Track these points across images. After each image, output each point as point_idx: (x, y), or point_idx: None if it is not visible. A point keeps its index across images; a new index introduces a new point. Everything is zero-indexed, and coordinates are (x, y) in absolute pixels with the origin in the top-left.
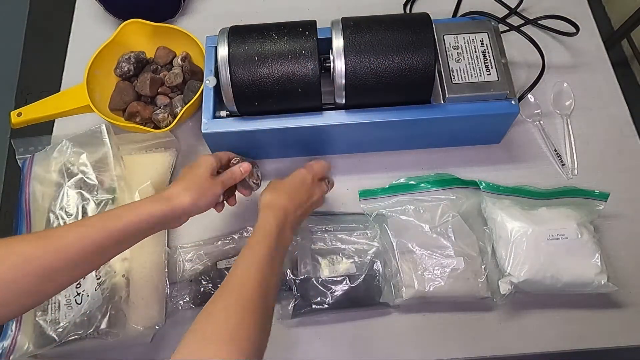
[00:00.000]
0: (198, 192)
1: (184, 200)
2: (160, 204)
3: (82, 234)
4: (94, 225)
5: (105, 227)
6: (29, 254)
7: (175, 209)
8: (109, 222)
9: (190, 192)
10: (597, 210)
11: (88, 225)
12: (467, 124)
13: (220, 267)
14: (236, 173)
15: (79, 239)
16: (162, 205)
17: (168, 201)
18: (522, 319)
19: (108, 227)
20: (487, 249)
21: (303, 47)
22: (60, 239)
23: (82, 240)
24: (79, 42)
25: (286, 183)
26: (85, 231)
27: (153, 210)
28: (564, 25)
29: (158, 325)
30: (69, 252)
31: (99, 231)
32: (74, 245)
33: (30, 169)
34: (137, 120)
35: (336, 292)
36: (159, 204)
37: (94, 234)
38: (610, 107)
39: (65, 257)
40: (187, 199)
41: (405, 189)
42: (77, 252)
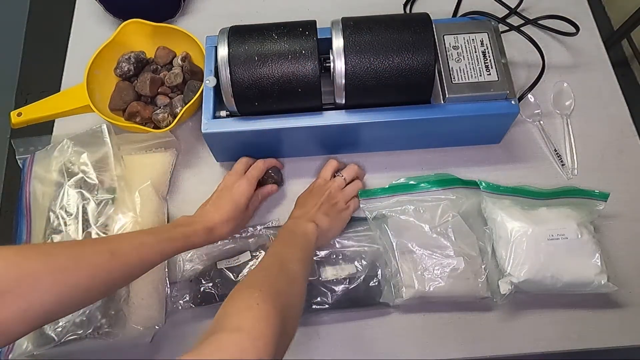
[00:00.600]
0: (235, 223)
1: (223, 232)
2: (204, 236)
3: (143, 255)
4: (153, 248)
5: (162, 251)
6: (100, 266)
7: (216, 239)
8: (165, 247)
9: (230, 224)
10: (597, 210)
11: (147, 246)
12: (467, 124)
13: (220, 267)
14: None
15: (140, 259)
16: (208, 237)
17: (211, 233)
18: (522, 319)
19: (164, 251)
20: (487, 249)
21: (303, 47)
22: (125, 256)
23: (142, 260)
24: (79, 42)
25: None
26: (146, 253)
27: (200, 241)
28: (564, 25)
29: (158, 325)
30: (131, 271)
31: (156, 253)
32: (135, 265)
33: (30, 168)
34: (137, 120)
35: (336, 292)
36: (204, 235)
37: (152, 255)
38: (610, 107)
39: (127, 273)
40: (226, 230)
41: (405, 189)
42: (137, 269)
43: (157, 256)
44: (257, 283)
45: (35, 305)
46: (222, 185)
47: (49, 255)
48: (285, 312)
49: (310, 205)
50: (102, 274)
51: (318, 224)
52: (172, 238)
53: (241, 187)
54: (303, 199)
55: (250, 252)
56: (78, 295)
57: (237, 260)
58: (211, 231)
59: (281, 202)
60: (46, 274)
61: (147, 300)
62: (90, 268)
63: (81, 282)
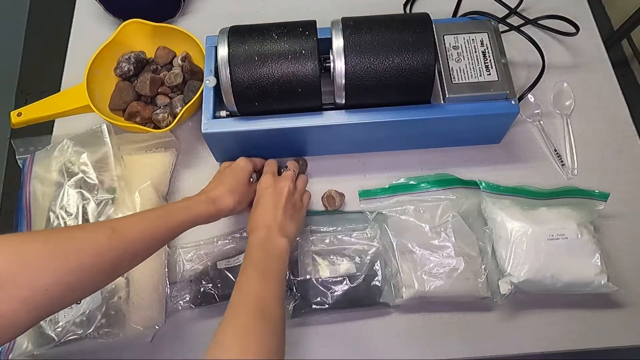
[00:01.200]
0: (239, 196)
1: (228, 203)
2: (207, 206)
3: (145, 229)
4: (155, 220)
5: (165, 224)
6: (103, 244)
7: (220, 211)
8: (168, 218)
9: (233, 196)
10: (597, 210)
11: (150, 220)
12: (467, 124)
13: (220, 267)
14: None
15: (142, 233)
16: (210, 207)
17: (214, 204)
18: (522, 319)
19: (167, 224)
20: (487, 249)
21: (303, 47)
22: (128, 232)
23: (144, 235)
24: (79, 42)
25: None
26: (148, 226)
27: (203, 211)
28: (564, 25)
29: (158, 325)
30: (135, 247)
31: (159, 227)
32: (139, 241)
33: (30, 168)
34: (137, 120)
35: (336, 292)
36: (207, 205)
37: (154, 229)
38: (610, 107)
39: (131, 251)
40: (230, 202)
41: (405, 189)
42: (141, 245)
43: (160, 230)
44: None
45: (39, 291)
46: (221, 167)
47: (49, 239)
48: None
49: (272, 210)
50: (105, 252)
51: (288, 236)
52: (174, 209)
53: (240, 162)
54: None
55: None
56: (83, 277)
57: (237, 261)
58: (214, 201)
59: None
60: (47, 257)
61: (147, 300)
62: (93, 247)
63: (85, 262)
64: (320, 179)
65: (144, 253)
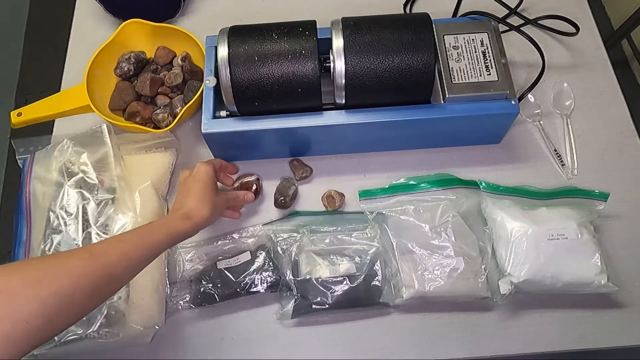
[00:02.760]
0: (211, 204)
1: (203, 215)
2: (184, 222)
3: (123, 251)
4: (133, 242)
5: (142, 245)
6: (81, 271)
7: (197, 225)
8: (146, 239)
9: (206, 206)
10: (597, 210)
11: (127, 242)
12: (467, 124)
13: (220, 267)
14: (240, 200)
15: (122, 257)
16: (186, 223)
17: (191, 219)
18: (522, 319)
19: (145, 245)
20: (487, 249)
21: (303, 47)
22: (105, 256)
23: (124, 258)
24: (79, 42)
25: None
26: (125, 248)
27: (180, 228)
28: (564, 25)
29: (158, 325)
30: (114, 270)
31: (137, 248)
32: (117, 263)
33: (30, 168)
34: (137, 120)
35: (336, 292)
36: (183, 222)
37: (132, 251)
38: (610, 107)
39: (111, 274)
40: (205, 213)
41: (405, 189)
42: (120, 268)
43: (139, 251)
44: None
45: (19, 324)
46: (181, 178)
47: (22, 269)
48: None
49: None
50: (83, 277)
51: (193, 217)
52: (151, 230)
53: (200, 168)
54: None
55: (250, 252)
56: (64, 306)
57: (237, 261)
58: (189, 216)
59: None
60: (23, 287)
61: (147, 300)
62: (70, 273)
63: (63, 290)
64: (320, 179)
65: (125, 276)
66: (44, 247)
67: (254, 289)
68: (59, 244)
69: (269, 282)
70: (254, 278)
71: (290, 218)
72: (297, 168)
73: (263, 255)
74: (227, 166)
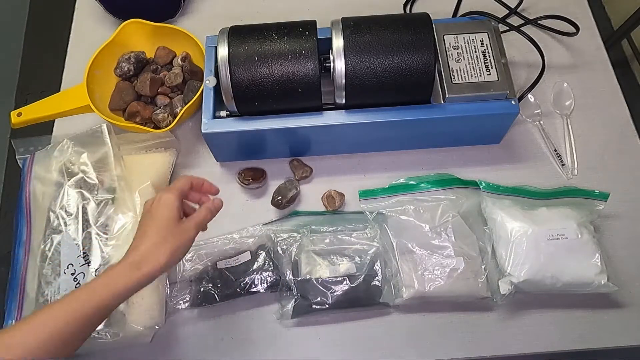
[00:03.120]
0: (172, 245)
1: (159, 261)
2: (131, 275)
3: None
4: (61, 310)
5: (75, 312)
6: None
7: (149, 275)
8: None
9: (163, 249)
10: (597, 210)
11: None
12: (467, 124)
13: (220, 267)
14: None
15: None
16: (135, 275)
17: (140, 268)
18: (522, 319)
19: (77, 316)
20: (487, 249)
21: (303, 47)
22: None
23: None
24: (79, 42)
25: None
26: (53, 320)
27: (129, 283)
28: (564, 25)
29: (158, 325)
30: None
31: (66, 319)
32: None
33: (30, 168)
34: (137, 120)
35: (336, 292)
36: (130, 274)
37: (60, 323)
38: (610, 107)
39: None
40: (162, 258)
41: (405, 189)
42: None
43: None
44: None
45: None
46: (146, 206)
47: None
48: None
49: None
50: None
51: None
52: (87, 293)
53: (161, 199)
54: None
55: (250, 252)
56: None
57: (237, 261)
58: (138, 265)
59: None
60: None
61: (147, 300)
62: None
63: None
64: (320, 179)
65: (62, 349)
66: (44, 247)
67: (254, 289)
68: (59, 243)
69: (269, 282)
70: (254, 278)
71: (290, 218)
72: (297, 168)
73: (263, 255)
74: (199, 185)
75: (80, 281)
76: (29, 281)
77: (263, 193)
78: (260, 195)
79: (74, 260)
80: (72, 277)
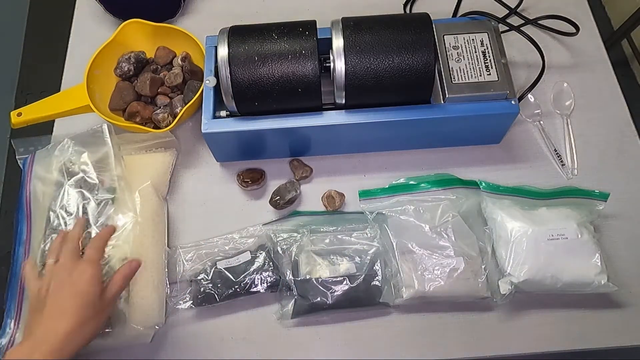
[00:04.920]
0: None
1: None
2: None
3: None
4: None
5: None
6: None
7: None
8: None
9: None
10: (597, 210)
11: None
12: (467, 124)
13: (220, 267)
14: (126, 280)
15: None
16: None
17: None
18: (522, 319)
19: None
20: (487, 249)
21: (303, 47)
22: None
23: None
24: (79, 42)
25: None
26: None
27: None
28: (564, 25)
29: (158, 325)
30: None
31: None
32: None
33: (31, 167)
34: (137, 120)
35: (336, 292)
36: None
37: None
38: (610, 107)
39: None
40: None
41: (405, 189)
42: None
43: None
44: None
45: None
46: (53, 283)
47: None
48: None
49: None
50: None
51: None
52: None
53: (86, 273)
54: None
55: (250, 252)
56: None
57: (237, 261)
58: (61, 351)
59: None
60: None
61: (147, 300)
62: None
63: None
64: (320, 179)
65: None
66: (44, 246)
67: (254, 289)
68: None
69: (269, 282)
70: (254, 278)
71: (290, 218)
72: (297, 168)
73: (263, 255)
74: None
75: None
76: None
77: (263, 193)
78: (261, 196)
79: None
80: None
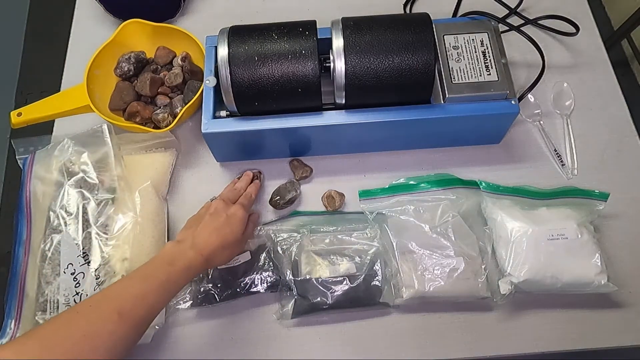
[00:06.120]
0: (232, 251)
1: (221, 260)
2: (203, 265)
3: (150, 306)
4: (157, 295)
5: (166, 295)
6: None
7: (211, 267)
8: (171, 289)
9: (227, 252)
10: (597, 210)
11: (152, 295)
12: (467, 124)
13: (220, 267)
14: (255, 226)
15: (148, 312)
16: (203, 266)
17: (208, 262)
18: (522, 319)
19: (169, 294)
20: (487, 249)
21: (303, 47)
22: (134, 315)
23: (151, 313)
24: (79, 42)
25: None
26: (152, 304)
27: (197, 271)
28: (564, 25)
29: (158, 325)
30: (142, 327)
31: (160, 301)
32: (145, 319)
33: (31, 167)
34: (137, 120)
35: (336, 292)
36: (202, 265)
37: (158, 303)
38: (610, 107)
39: (140, 331)
40: (223, 259)
41: (405, 189)
42: (147, 323)
43: (162, 303)
44: None
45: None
46: (214, 210)
47: (54, 345)
48: None
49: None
50: (119, 341)
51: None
52: (173, 280)
53: (238, 215)
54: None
55: (250, 252)
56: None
57: (237, 261)
58: (208, 261)
59: None
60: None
61: None
62: (106, 341)
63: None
64: (320, 179)
65: (147, 328)
66: (44, 246)
67: (254, 289)
68: (58, 243)
69: (269, 282)
70: (254, 278)
71: (290, 218)
72: (297, 168)
73: (263, 255)
74: None
75: (80, 281)
76: (29, 281)
77: (263, 193)
78: (261, 196)
79: (73, 260)
80: (72, 276)
